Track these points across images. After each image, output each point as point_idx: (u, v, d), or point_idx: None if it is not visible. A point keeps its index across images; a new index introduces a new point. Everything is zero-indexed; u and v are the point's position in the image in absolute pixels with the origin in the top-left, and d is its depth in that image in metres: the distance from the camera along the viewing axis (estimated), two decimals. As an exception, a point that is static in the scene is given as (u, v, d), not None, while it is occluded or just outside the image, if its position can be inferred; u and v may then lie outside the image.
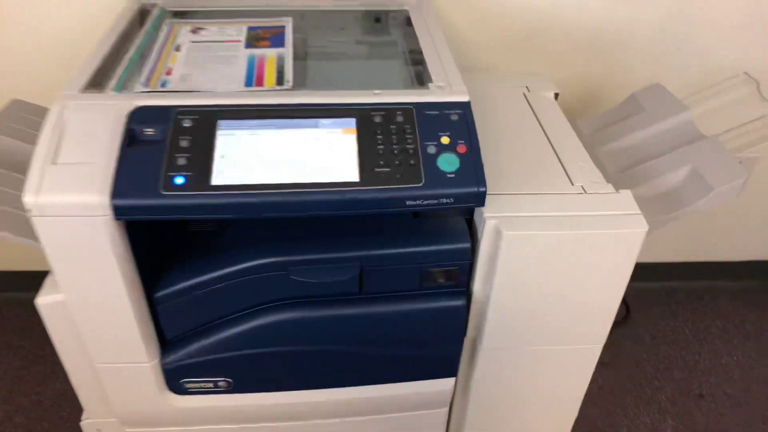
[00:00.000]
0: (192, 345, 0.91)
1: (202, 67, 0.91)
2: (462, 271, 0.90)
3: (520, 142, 1.01)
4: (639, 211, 0.86)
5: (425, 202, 0.78)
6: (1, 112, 1.05)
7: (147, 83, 0.86)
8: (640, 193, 0.97)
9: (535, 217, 0.85)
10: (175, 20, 1.05)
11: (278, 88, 0.86)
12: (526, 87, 1.17)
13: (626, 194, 0.90)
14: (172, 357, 0.92)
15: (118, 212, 0.74)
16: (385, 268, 0.88)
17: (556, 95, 1.17)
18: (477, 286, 0.91)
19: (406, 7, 1.12)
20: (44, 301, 0.87)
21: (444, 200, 0.78)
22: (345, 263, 0.86)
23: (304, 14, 1.12)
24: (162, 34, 1.00)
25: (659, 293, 1.82)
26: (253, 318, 0.90)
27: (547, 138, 1.02)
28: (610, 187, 0.91)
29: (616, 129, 1.12)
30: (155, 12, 1.07)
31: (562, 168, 0.95)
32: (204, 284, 0.87)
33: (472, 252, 0.88)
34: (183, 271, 0.87)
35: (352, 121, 0.82)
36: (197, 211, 0.76)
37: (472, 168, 0.79)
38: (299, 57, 0.98)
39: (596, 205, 0.87)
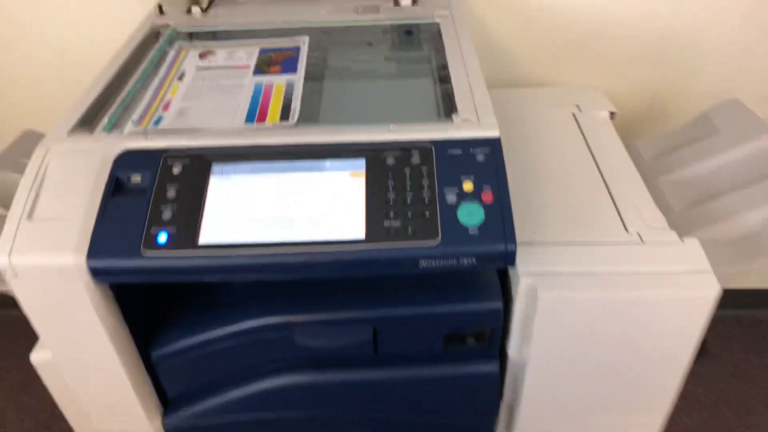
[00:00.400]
0: (196, 405, 0.83)
1: (203, 100, 0.82)
2: (494, 333, 0.77)
3: (566, 175, 0.87)
4: (709, 268, 0.71)
5: (442, 263, 0.66)
6: (11, 144, 1.00)
7: (140, 121, 0.78)
8: (710, 236, 0.81)
9: (579, 274, 0.72)
10: (185, 43, 0.97)
11: (281, 124, 0.76)
12: (577, 106, 1.03)
13: (693, 244, 0.75)
14: (175, 418, 0.84)
15: (96, 274, 0.67)
16: (402, 331, 0.77)
17: (612, 114, 1.02)
18: (513, 346, 0.79)
19: (438, 20, 0.99)
20: (38, 358, 0.81)
21: (465, 260, 0.66)
22: (355, 325, 0.75)
23: (326, 30, 1.02)
24: (167, 61, 0.92)
25: (742, 323, 1.62)
26: (260, 380, 0.80)
27: (599, 169, 0.88)
28: (673, 235, 0.76)
29: (683, 154, 0.95)
30: (165, 34, 0.99)
31: (615, 209, 0.81)
32: (203, 344, 0.78)
33: (506, 311, 0.76)
34: (180, 330, 0.79)
35: (362, 162, 0.71)
36: (182, 274, 0.67)
37: (500, 221, 0.66)
38: (315, 78, 0.89)
39: (655, 259, 0.73)
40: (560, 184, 0.85)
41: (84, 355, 0.75)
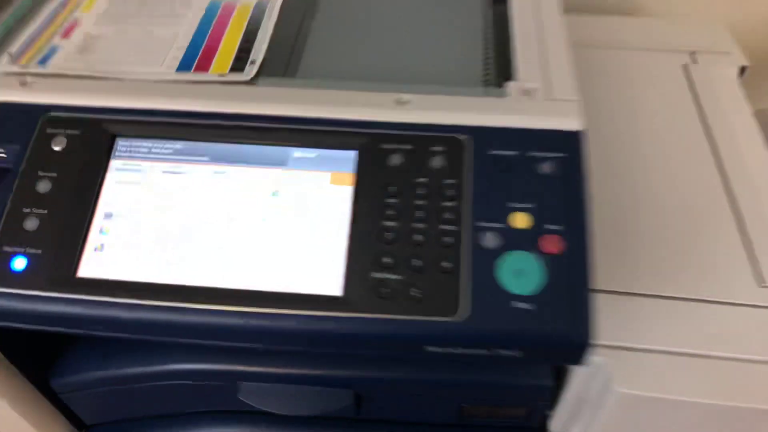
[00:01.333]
0: (120, 440, 0.63)
1: (125, 25, 0.54)
2: (536, 411, 0.53)
3: (661, 177, 0.58)
4: None
5: (463, 351, 0.40)
6: None
7: (21, 54, 0.51)
8: None
9: (678, 357, 0.45)
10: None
11: (231, 77, 0.48)
12: (691, 54, 0.70)
13: None
14: (94, 449, 0.64)
15: (-75, 308, 0.43)
16: (396, 397, 0.52)
17: (743, 70, 0.70)
18: (558, 423, 0.54)
19: None
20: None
21: (502, 352, 0.40)
22: (328, 385, 0.51)
23: None
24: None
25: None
26: (198, 425, 0.59)
27: (719, 168, 0.58)
28: (837, 300, 0.48)
29: None
30: None
31: (739, 239, 0.52)
32: (117, 380, 0.56)
33: (557, 388, 0.51)
34: (91, 359, 0.56)
35: (351, 157, 0.44)
36: (47, 323, 0.43)
37: (570, 291, 0.39)
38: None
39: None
40: (651, 195, 0.56)
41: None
